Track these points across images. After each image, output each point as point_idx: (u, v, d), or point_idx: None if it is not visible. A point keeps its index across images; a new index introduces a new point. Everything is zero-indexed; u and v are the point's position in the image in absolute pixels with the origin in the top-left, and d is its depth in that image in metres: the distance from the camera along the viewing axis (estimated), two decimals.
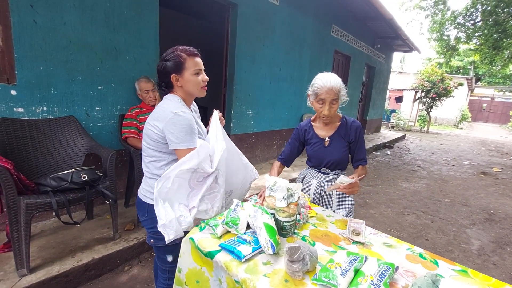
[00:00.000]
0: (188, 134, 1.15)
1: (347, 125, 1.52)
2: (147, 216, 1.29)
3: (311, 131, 1.58)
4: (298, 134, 1.63)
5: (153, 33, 2.76)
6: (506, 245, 2.89)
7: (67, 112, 2.31)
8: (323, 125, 1.55)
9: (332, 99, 1.37)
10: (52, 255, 1.93)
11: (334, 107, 1.40)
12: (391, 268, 0.88)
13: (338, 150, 1.51)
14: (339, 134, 1.52)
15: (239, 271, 0.88)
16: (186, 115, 1.16)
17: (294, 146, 1.65)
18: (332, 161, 1.52)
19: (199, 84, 1.24)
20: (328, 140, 1.52)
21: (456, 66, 24.03)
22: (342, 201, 1.58)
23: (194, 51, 1.23)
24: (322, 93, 1.36)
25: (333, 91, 1.35)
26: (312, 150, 1.58)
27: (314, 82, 1.41)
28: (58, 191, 1.80)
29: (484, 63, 11.36)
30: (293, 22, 4.73)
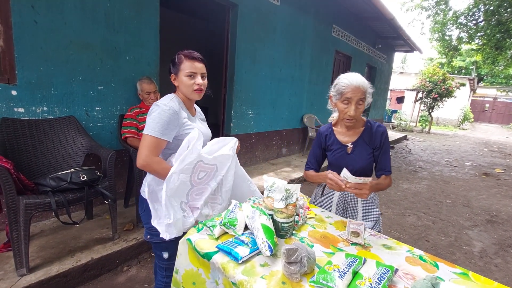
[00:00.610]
0: (158, 123, 1.17)
1: (372, 130, 1.40)
2: (144, 211, 1.33)
3: (332, 137, 1.46)
4: (319, 141, 1.52)
5: (153, 34, 2.76)
6: (509, 247, 2.86)
7: (67, 112, 2.31)
8: (346, 130, 1.43)
9: (359, 99, 1.27)
10: (52, 255, 1.93)
11: (361, 107, 1.30)
12: (390, 270, 0.87)
13: (362, 158, 1.39)
14: (363, 139, 1.40)
15: (236, 272, 0.88)
16: (165, 107, 1.19)
17: (318, 153, 1.53)
18: (355, 169, 1.37)
19: (190, 86, 1.27)
20: (351, 146, 1.41)
21: (458, 66, 23.94)
22: (367, 212, 1.45)
23: (193, 55, 1.26)
24: (348, 92, 1.26)
25: (360, 90, 1.26)
26: (333, 157, 1.46)
27: (338, 82, 1.32)
28: (58, 191, 1.80)
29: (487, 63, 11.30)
30: (293, 22, 4.72)
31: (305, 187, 4.20)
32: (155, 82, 2.63)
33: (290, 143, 5.44)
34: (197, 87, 1.27)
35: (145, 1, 2.65)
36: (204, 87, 1.30)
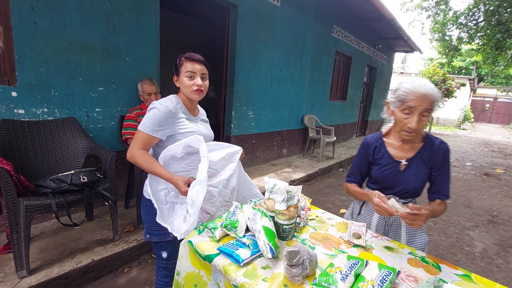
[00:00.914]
0: (150, 120, 1.21)
1: (433, 147, 1.21)
2: (144, 209, 1.36)
3: (383, 149, 1.28)
4: (365, 152, 1.33)
5: (154, 35, 2.76)
6: (510, 248, 2.86)
7: (68, 113, 2.31)
8: (401, 144, 1.24)
9: (424, 109, 1.07)
10: (52, 256, 1.93)
11: (425, 119, 1.10)
12: (392, 272, 0.87)
13: (417, 178, 1.21)
14: (421, 157, 1.21)
15: (238, 275, 0.87)
16: (160, 106, 1.22)
17: (363, 166, 1.35)
18: (407, 190, 1.23)
19: (189, 86, 1.28)
20: (406, 163, 1.22)
21: (458, 66, 23.93)
22: (412, 236, 1.29)
23: (193, 56, 1.28)
24: (412, 100, 1.07)
25: (428, 99, 1.06)
26: (380, 173, 1.28)
27: (400, 87, 1.13)
28: (58, 193, 1.80)
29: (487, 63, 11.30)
30: (294, 22, 4.72)
31: (306, 187, 4.19)
32: (156, 84, 2.63)
33: (291, 143, 5.44)
34: (196, 87, 1.29)
35: (145, 2, 2.65)
36: (204, 88, 1.31)
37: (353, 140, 8.22)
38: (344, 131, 7.61)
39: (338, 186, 4.38)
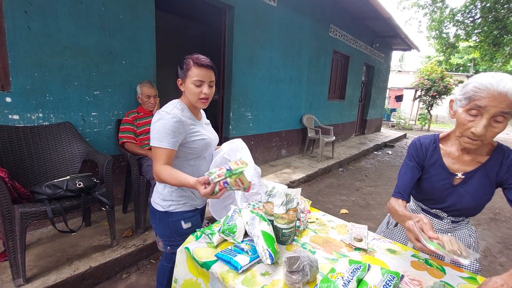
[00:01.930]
0: (162, 133, 1.13)
1: (504, 161, 0.96)
2: (158, 223, 1.31)
3: (436, 156, 1.07)
4: (418, 156, 1.10)
5: (149, 37, 2.73)
6: None
7: (63, 118, 2.28)
8: (461, 153, 1.03)
9: (499, 112, 0.83)
10: (49, 264, 1.90)
11: (497, 127, 0.86)
12: (395, 277, 0.84)
13: (475, 196, 1.00)
14: (485, 171, 0.99)
15: (236, 283, 0.84)
16: (168, 115, 1.14)
17: (416, 172, 1.10)
18: (457, 208, 1.04)
19: (196, 95, 1.21)
20: (462, 177, 1.02)
21: (456, 63, 23.96)
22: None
23: (202, 61, 1.19)
24: (483, 98, 0.84)
25: (507, 100, 0.81)
26: (429, 184, 1.07)
27: (471, 81, 0.89)
28: (54, 199, 1.77)
29: (485, 60, 11.31)
30: (290, 23, 4.70)
31: (306, 188, 4.16)
32: (155, 87, 2.60)
33: (290, 144, 5.41)
34: (203, 96, 1.21)
35: (141, 5, 2.63)
36: (210, 96, 1.24)
37: (352, 140, 8.20)
38: (343, 130, 7.59)
39: (338, 186, 4.35)
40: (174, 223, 1.29)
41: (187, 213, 1.31)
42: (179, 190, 1.28)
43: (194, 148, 1.25)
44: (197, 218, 1.38)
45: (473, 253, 0.75)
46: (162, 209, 1.28)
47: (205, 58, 1.21)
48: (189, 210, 1.32)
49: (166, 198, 1.28)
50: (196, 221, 1.37)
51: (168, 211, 1.28)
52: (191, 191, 1.32)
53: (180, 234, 1.29)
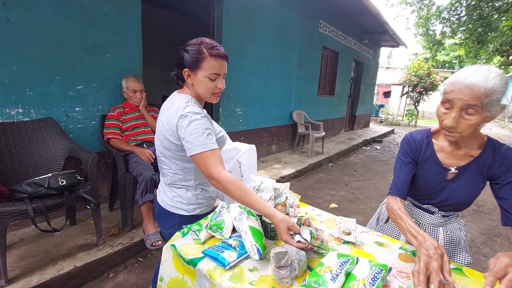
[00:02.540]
0: (199, 135, 0.98)
1: (496, 154, 0.97)
2: (178, 227, 1.17)
3: (429, 151, 1.07)
4: (410, 150, 1.09)
5: (135, 30, 2.65)
6: (496, 237, 2.93)
7: (45, 113, 2.20)
8: (453, 148, 1.03)
9: (465, 104, 0.85)
10: (32, 264, 1.83)
11: (469, 119, 0.87)
12: (383, 270, 0.84)
13: (465, 190, 1.01)
14: (478, 165, 0.99)
15: (223, 279, 0.83)
16: (198, 115, 1.01)
17: (410, 169, 1.08)
18: (450, 202, 1.05)
19: (210, 90, 1.07)
20: (455, 172, 1.02)
21: (442, 60, 24.51)
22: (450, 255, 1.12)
23: (220, 51, 1.04)
24: (451, 92, 0.87)
25: (472, 92, 0.83)
26: (422, 180, 1.08)
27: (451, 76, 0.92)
28: (35, 198, 1.70)
29: (469, 57, 11.59)
30: (280, 18, 4.67)
31: (296, 183, 4.18)
32: (141, 81, 2.53)
33: (280, 139, 5.42)
34: (218, 91, 1.08)
35: None
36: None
37: (341, 135, 8.28)
38: (332, 126, 7.65)
39: (328, 181, 4.39)
40: None
41: (209, 213, 1.25)
42: (204, 192, 1.20)
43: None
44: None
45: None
46: (186, 213, 1.17)
47: (219, 46, 1.06)
48: (210, 211, 1.26)
49: (191, 201, 1.17)
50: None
51: (193, 214, 1.18)
52: (213, 191, 1.26)
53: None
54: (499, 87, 0.81)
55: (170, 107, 1.07)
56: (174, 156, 1.10)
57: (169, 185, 1.19)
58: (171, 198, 1.18)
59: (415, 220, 1.13)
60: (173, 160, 1.11)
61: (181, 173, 1.14)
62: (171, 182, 1.18)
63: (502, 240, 2.85)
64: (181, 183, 1.16)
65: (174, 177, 1.16)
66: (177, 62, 1.09)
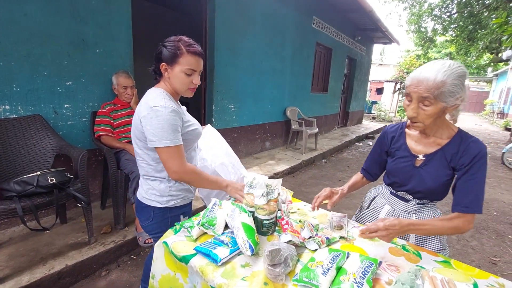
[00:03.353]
0: (164, 130, 1.04)
1: (461, 145, 1.01)
2: (152, 220, 1.21)
3: (401, 140, 1.15)
4: (382, 141, 1.22)
5: (125, 25, 2.60)
6: (484, 230, 3.00)
7: (33, 110, 2.14)
8: (423, 137, 1.10)
9: (420, 97, 0.93)
10: (22, 263, 1.80)
11: (426, 110, 0.94)
12: (374, 263, 0.85)
13: (433, 177, 1.06)
14: (444, 154, 1.04)
15: (215, 276, 0.82)
16: (166, 110, 1.04)
17: (377, 156, 1.25)
18: (419, 189, 1.10)
19: (186, 84, 1.13)
20: (423, 159, 1.08)
21: (434, 57, 24.78)
22: (422, 241, 1.18)
23: (197, 49, 1.11)
24: (409, 86, 0.97)
25: (423, 85, 0.91)
26: (394, 166, 1.15)
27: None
28: (24, 196, 1.67)
29: (460, 54, 11.75)
30: (273, 13, 4.65)
31: (289, 179, 4.20)
32: (132, 77, 2.49)
33: (274, 136, 5.42)
34: (193, 86, 1.15)
35: None
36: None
37: (335, 131, 8.33)
38: (326, 122, 7.69)
39: (321, 177, 4.42)
40: (173, 218, 1.22)
41: (185, 206, 1.27)
42: (178, 184, 1.21)
43: (189, 139, 1.18)
44: (191, 211, 1.36)
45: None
46: (159, 205, 1.19)
47: (196, 44, 1.12)
48: (187, 203, 1.28)
49: (164, 193, 1.19)
50: (190, 214, 1.33)
51: (167, 206, 1.20)
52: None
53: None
54: (450, 79, 0.88)
55: (143, 99, 1.13)
56: (146, 147, 1.13)
57: (144, 177, 1.22)
58: (146, 190, 1.21)
59: (393, 208, 1.21)
60: (146, 151, 1.14)
61: (153, 163, 1.16)
62: (145, 174, 1.20)
63: (489, 233, 2.92)
64: (154, 175, 1.18)
65: (147, 168, 1.18)
66: (155, 57, 1.14)
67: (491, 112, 19.07)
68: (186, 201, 1.27)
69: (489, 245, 2.69)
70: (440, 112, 0.95)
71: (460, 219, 0.97)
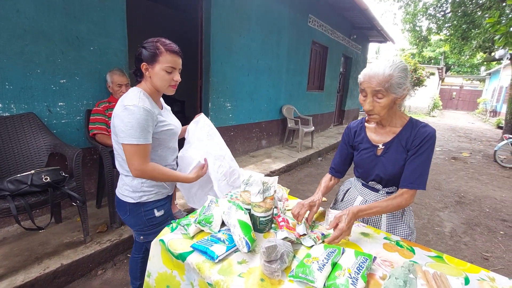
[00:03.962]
0: (133, 129, 1.08)
1: (413, 131, 1.11)
2: (129, 214, 1.28)
3: (362, 133, 1.25)
4: (347, 136, 1.32)
5: (120, 22, 2.58)
6: (476, 226, 3.05)
7: (26, 108, 2.12)
8: (380, 128, 1.20)
9: (373, 90, 1.03)
10: (16, 263, 1.79)
11: (380, 102, 1.03)
12: (368, 259, 0.87)
13: (393, 163, 1.14)
14: (399, 140, 1.13)
15: (212, 272, 0.83)
16: (138, 109, 1.09)
17: (344, 151, 1.32)
18: (383, 176, 1.18)
19: (167, 81, 1.18)
20: (382, 147, 1.17)
21: (428, 56, 25.00)
22: (392, 228, 1.24)
23: (175, 48, 1.17)
24: (362, 82, 1.06)
25: (374, 80, 1.01)
26: (359, 158, 1.25)
27: None
28: (18, 195, 1.65)
29: (454, 53, 11.86)
30: (269, 11, 4.64)
31: (286, 177, 4.21)
32: (127, 75, 2.47)
33: (270, 134, 5.43)
34: (174, 83, 1.20)
35: None
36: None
37: (331, 130, 8.37)
38: (322, 120, 7.72)
39: (317, 175, 4.44)
40: (147, 212, 1.27)
41: (159, 201, 1.31)
42: (150, 181, 1.25)
43: (162, 138, 1.23)
44: (169, 204, 1.39)
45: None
46: (132, 200, 1.24)
47: (174, 44, 1.19)
48: (161, 198, 1.32)
49: (136, 189, 1.24)
50: (168, 208, 1.37)
51: (140, 202, 1.25)
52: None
53: (153, 222, 1.30)
54: (396, 73, 1.00)
55: (121, 97, 1.17)
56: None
57: (120, 173, 1.27)
58: (120, 186, 1.27)
59: (365, 199, 1.27)
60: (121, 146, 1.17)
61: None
62: (121, 169, 1.25)
63: (481, 229, 2.98)
64: (127, 169, 1.20)
65: (122, 163, 1.22)
66: (135, 58, 1.18)
67: (484, 110, 19.32)
68: (160, 196, 1.30)
69: (481, 240, 2.74)
70: (391, 103, 1.05)
71: (402, 196, 1.08)
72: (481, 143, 8.61)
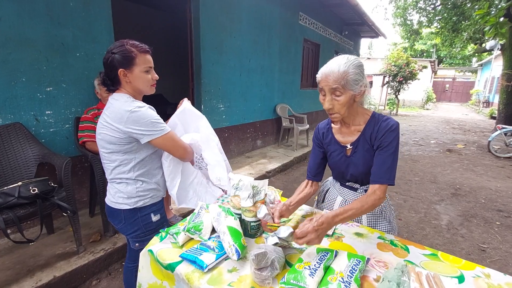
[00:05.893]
0: (155, 123, 1.12)
1: (375, 125, 1.09)
2: (124, 222, 1.25)
3: (330, 135, 1.21)
4: (316, 138, 1.28)
5: (106, 26, 2.54)
6: (472, 217, 3.06)
7: (12, 118, 2.07)
8: (345, 127, 1.17)
9: (330, 89, 1.01)
10: (8, 277, 1.75)
11: (339, 99, 1.01)
12: (361, 261, 0.85)
13: (363, 161, 1.11)
14: (365, 138, 1.11)
15: (202, 283, 0.81)
16: (144, 108, 1.12)
17: (317, 154, 1.27)
18: (355, 175, 1.16)
19: (149, 81, 1.19)
20: (351, 147, 1.14)
21: (420, 49, 25.14)
22: (373, 222, 1.23)
23: (145, 48, 1.17)
24: (320, 81, 1.04)
25: (330, 78, 1.00)
26: (332, 161, 1.22)
27: None
28: (6, 208, 1.61)
29: (445, 46, 11.95)
30: (259, 10, 4.61)
31: (282, 177, 4.20)
32: None
33: (265, 134, 5.41)
34: (153, 82, 1.21)
35: None
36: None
37: None
38: (316, 118, 7.72)
39: None
40: (144, 218, 1.25)
41: (155, 205, 1.29)
42: (145, 185, 1.23)
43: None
44: (163, 209, 1.37)
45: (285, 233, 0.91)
46: (128, 207, 1.21)
47: (143, 44, 1.18)
48: (157, 201, 1.30)
49: (131, 195, 1.21)
50: (163, 212, 1.35)
51: (136, 207, 1.22)
52: (156, 183, 1.28)
53: (150, 227, 1.28)
54: (350, 69, 0.99)
55: (109, 107, 1.14)
56: (117, 149, 1.16)
57: (111, 181, 1.24)
58: (113, 194, 1.23)
59: (344, 199, 1.25)
60: (115, 154, 1.17)
61: (120, 165, 1.19)
62: (112, 177, 1.22)
63: (477, 220, 2.98)
64: (120, 177, 1.20)
65: (115, 171, 1.20)
66: (107, 66, 1.14)
67: (477, 101, 19.49)
68: (155, 199, 1.29)
69: (478, 232, 2.75)
70: (351, 100, 1.02)
71: (375, 194, 1.01)
72: (475, 134, 8.68)
